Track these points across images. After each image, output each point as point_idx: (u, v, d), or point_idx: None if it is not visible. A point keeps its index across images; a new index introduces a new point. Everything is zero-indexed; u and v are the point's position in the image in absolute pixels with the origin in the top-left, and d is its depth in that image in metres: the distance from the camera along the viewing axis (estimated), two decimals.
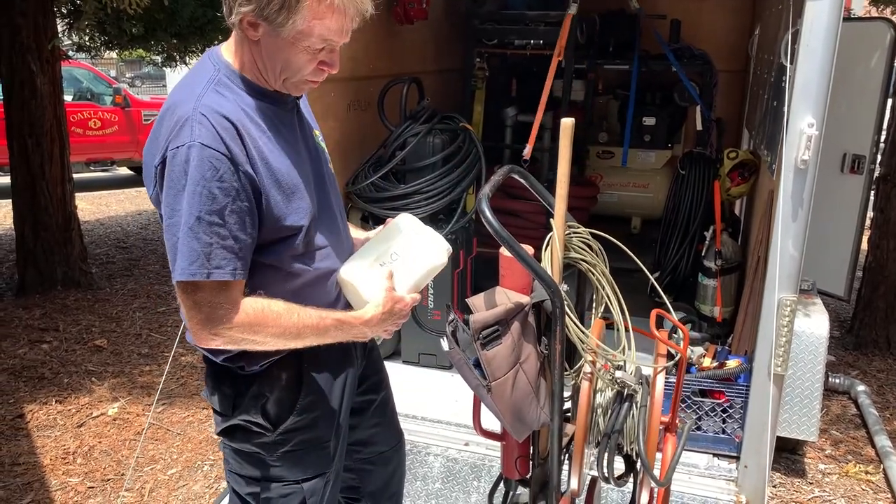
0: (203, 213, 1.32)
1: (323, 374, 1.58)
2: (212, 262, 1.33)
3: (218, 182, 1.33)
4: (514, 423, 1.64)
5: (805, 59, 2.21)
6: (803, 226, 2.31)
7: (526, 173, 1.81)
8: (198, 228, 1.33)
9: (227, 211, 1.34)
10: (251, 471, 1.57)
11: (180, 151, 1.33)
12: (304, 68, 1.43)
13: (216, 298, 1.36)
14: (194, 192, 1.32)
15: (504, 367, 1.56)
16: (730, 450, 2.76)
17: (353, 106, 3.52)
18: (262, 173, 1.40)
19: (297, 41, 1.38)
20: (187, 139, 1.33)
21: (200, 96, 1.38)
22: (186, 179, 1.33)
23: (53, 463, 3.29)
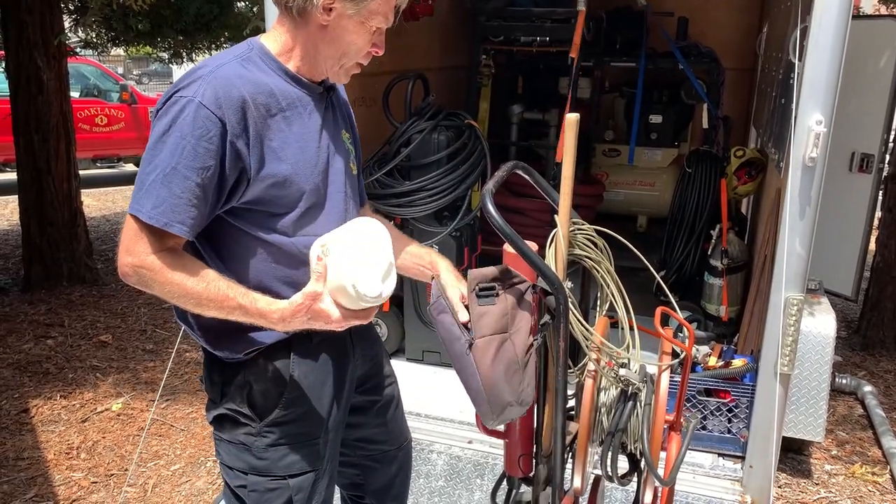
0: (181, 166, 1.35)
1: (313, 370, 1.56)
2: (176, 214, 1.36)
3: (206, 142, 1.35)
4: (490, 394, 1.51)
5: (814, 55, 2.18)
6: (811, 224, 2.28)
7: (530, 169, 1.80)
8: (172, 177, 1.35)
9: (205, 172, 1.36)
10: (238, 463, 1.56)
11: (180, 101, 1.37)
12: (362, 50, 1.50)
13: (158, 243, 1.38)
14: (178, 144, 1.35)
15: (492, 326, 1.50)
16: (735, 450, 2.75)
17: (358, 102, 3.51)
18: (255, 151, 1.41)
19: (367, 20, 1.46)
20: (190, 94, 1.37)
21: (223, 64, 1.43)
22: (174, 128, 1.36)
23: (57, 458, 3.29)
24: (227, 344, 1.50)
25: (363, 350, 1.73)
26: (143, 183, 1.37)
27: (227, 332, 1.49)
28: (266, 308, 1.40)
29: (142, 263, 1.37)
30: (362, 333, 1.72)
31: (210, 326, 1.50)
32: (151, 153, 1.37)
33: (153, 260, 1.37)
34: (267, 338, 1.50)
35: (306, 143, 1.50)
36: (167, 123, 1.36)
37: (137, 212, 1.36)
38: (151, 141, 1.38)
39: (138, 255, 1.37)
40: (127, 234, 1.38)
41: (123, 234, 1.39)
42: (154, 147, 1.37)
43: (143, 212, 1.35)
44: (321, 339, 1.57)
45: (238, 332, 1.49)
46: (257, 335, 1.49)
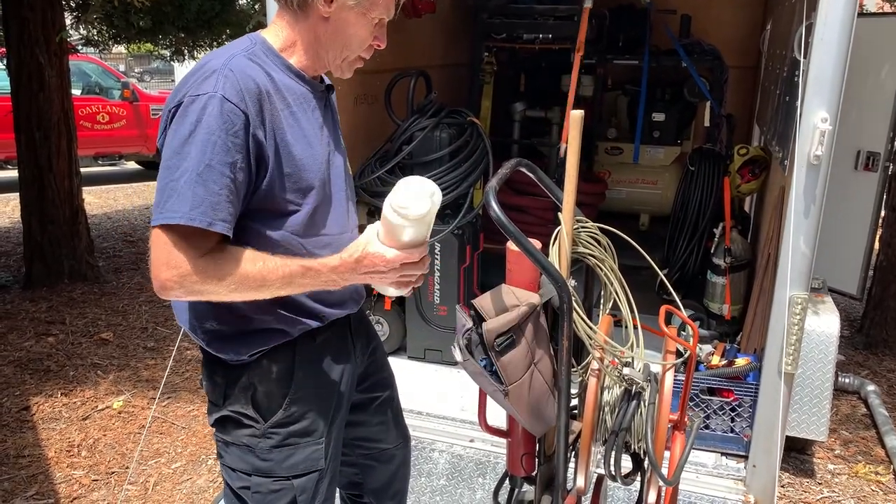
0: (215, 162, 1.30)
1: (316, 369, 1.55)
2: (217, 212, 1.30)
3: (234, 137, 1.32)
4: (533, 421, 1.63)
5: (819, 52, 2.17)
6: (815, 223, 2.27)
7: (534, 167, 1.79)
8: (207, 175, 1.29)
9: (237, 167, 1.33)
10: (242, 464, 1.55)
11: (200, 99, 1.33)
12: (365, 42, 1.50)
13: (200, 248, 1.31)
14: (208, 141, 1.30)
15: (520, 370, 1.55)
16: (738, 449, 2.74)
17: (360, 100, 3.50)
18: (271, 144, 1.39)
19: (369, 11, 1.46)
20: (210, 89, 1.33)
21: (232, 56, 1.40)
22: (200, 126, 1.31)
23: (58, 455, 3.29)
24: (232, 347, 1.49)
25: (362, 347, 1.72)
26: (174, 188, 1.30)
27: (233, 336, 1.48)
28: (327, 262, 1.42)
29: (187, 272, 1.30)
30: (362, 332, 1.72)
31: (216, 330, 1.49)
32: (178, 157, 1.31)
33: (199, 264, 1.31)
34: (272, 340, 1.49)
35: (312, 140, 1.49)
36: (192, 123, 1.31)
37: (171, 218, 1.29)
38: (175, 144, 1.32)
39: (180, 266, 1.30)
40: (160, 248, 1.30)
41: (155, 250, 1.31)
42: (181, 149, 1.31)
43: (181, 215, 1.28)
44: (324, 339, 1.57)
45: (244, 335, 1.48)
46: (263, 337, 1.48)
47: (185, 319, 1.52)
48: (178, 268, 1.30)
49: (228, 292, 1.35)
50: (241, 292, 1.36)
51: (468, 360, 1.55)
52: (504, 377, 1.53)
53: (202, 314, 1.49)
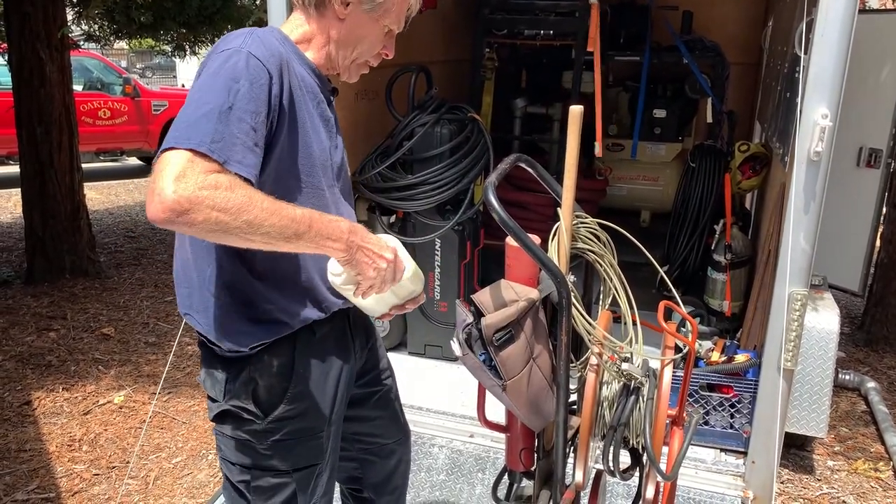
0: (236, 108, 1.26)
1: (316, 364, 1.56)
2: (234, 153, 1.24)
3: (258, 90, 1.30)
4: (531, 416, 1.63)
5: (820, 48, 2.16)
6: (815, 219, 2.27)
7: (533, 162, 1.79)
8: (228, 117, 1.25)
9: (258, 118, 1.30)
10: (242, 458, 1.55)
11: (226, 52, 1.33)
12: (375, 48, 1.57)
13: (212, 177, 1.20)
14: (231, 87, 1.27)
15: (518, 365, 1.55)
16: (737, 445, 2.74)
17: (360, 95, 3.50)
18: (289, 112, 1.39)
19: (381, 18, 1.53)
20: (236, 45, 1.34)
21: (255, 29, 1.43)
22: (224, 72, 1.29)
23: (59, 450, 3.30)
24: (232, 335, 1.48)
25: (361, 343, 1.73)
26: (193, 121, 1.23)
27: (234, 321, 1.47)
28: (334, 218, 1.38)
29: (199, 185, 1.17)
30: (360, 326, 1.72)
31: (217, 315, 1.48)
32: (200, 93, 1.28)
33: (212, 180, 1.18)
34: (274, 331, 1.49)
35: (319, 129, 1.50)
36: (217, 68, 1.30)
37: (189, 143, 1.19)
38: (196, 87, 1.30)
39: (193, 179, 1.17)
40: (172, 164, 1.17)
41: (164, 167, 1.18)
42: (202, 93, 1.28)
43: (199, 142, 1.19)
44: (323, 334, 1.57)
45: (247, 323, 1.47)
46: (264, 327, 1.48)
47: (189, 305, 1.51)
48: (189, 180, 1.16)
49: (237, 221, 1.20)
50: (250, 224, 1.22)
51: (467, 354, 1.55)
52: (503, 372, 1.54)
53: (209, 297, 1.48)
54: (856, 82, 4.12)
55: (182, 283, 1.53)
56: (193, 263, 1.49)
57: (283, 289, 1.49)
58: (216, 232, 1.21)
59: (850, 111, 4.00)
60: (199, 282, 1.48)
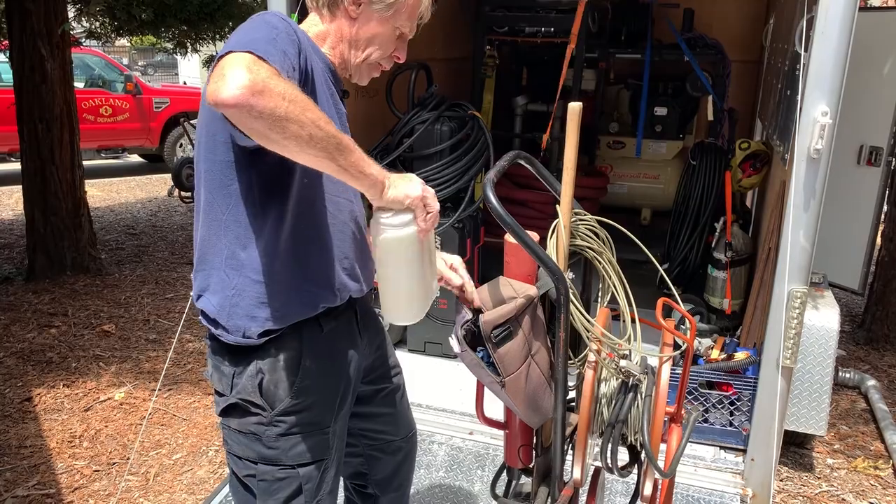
0: (279, 41, 1.30)
1: (323, 358, 1.56)
2: (284, 64, 1.27)
3: (292, 40, 1.34)
4: (529, 413, 1.64)
5: (820, 46, 2.16)
6: (815, 217, 2.27)
7: (532, 159, 1.79)
8: (275, 45, 1.28)
9: (295, 60, 1.33)
10: (248, 452, 1.55)
11: (259, 14, 1.38)
12: (386, 50, 1.57)
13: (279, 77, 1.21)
14: (271, 32, 1.31)
15: (516, 362, 1.55)
16: (737, 443, 2.74)
17: (360, 93, 3.50)
18: (311, 81, 1.42)
19: (391, 19, 1.53)
20: (264, 13, 1.39)
21: None
22: (264, 21, 1.34)
23: (60, 446, 3.30)
24: (243, 319, 1.46)
25: (370, 339, 1.73)
26: (244, 40, 1.25)
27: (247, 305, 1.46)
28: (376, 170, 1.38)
29: (271, 75, 1.18)
30: (368, 323, 1.72)
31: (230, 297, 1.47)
32: (241, 33, 1.31)
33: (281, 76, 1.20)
34: (280, 322, 1.48)
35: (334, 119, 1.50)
36: (253, 21, 1.35)
37: (247, 47, 1.21)
38: (235, 34, 1.32)
39: (264, 72, 1.18)
40: (241, 58, 1.19)
41: (234, 60, 1.18)
42: (243, 30, 1.32)
43: (263, 53, 1.21)
44: (331, 328, 1.57)
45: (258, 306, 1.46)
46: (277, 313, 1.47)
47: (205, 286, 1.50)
48: (262, 70, 1.18)
49: (303, 116, 1.20)
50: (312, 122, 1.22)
51: (465, 351, 1.56)
52: (501, 369, 1.54)
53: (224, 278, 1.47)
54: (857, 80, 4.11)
55: (200, 265, 1.52)
56: (211, 243, 1.48)
57: (300, 273, 1.49)
58: (279, 123, 1.18)
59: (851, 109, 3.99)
60: (216, 262, 1.48)
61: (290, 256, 1.47)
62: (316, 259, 1.51)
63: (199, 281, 1.53)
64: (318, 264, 1.52)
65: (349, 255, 1.58)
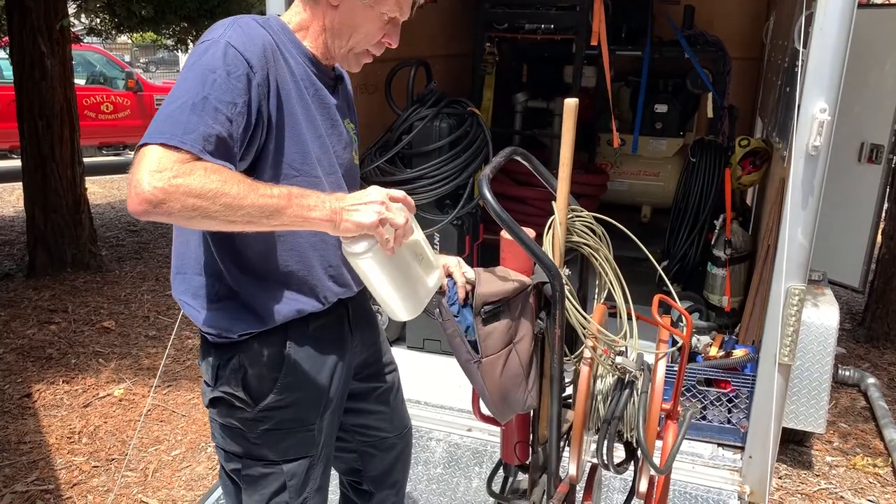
0: (212, 97, 1.26)
1: (309, 355, 1.55)
2: (207, 144, 1.24)
3: (235, 80, 1.30)
4: (500, 403, 1.61)
5: (818, 42, 2.15)
6: (813, 214, 2.26)
7: (529, 155, 1.78)
8: (203, 107, 1.25)
9: (236, 109, 1.29)
10: (233, 446, 1.55)
11: (205, 44, 1.33)
12: (373, 37, 1.51)
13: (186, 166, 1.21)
14: (207, 77, 1.28)
15: (498, 344, 1.54)
16: (735, 440, 2.74)
17: (360, 89, 3.49)
18: (275, 103, 1.38)
19: (376, 6, 1.47)
20: (217, 36, 1.34)
21: (241, 17, 1.42)
22: (201, 64, 1.29)
23: (59, 442, 3.31)
24: (221, 322, 1.47)
25: (362, 337, 1.72)
26: (168, 114, 1.24)
27: (223, 308, 1.47)
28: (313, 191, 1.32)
29: (177, 173, 1.18)
30: (361, 321, 1.71)
31: (206, 301, 1.48)
32: (176, 88, 1.28)
33: (187, 167, 1.19)
34: (262, 323, 1.48)
35: (315, 121, 1.49)
36: (195, 60, 1.31)
37: (162, 138, 1.20)
38: (177, 81, 1.30)
39: (170, 169, 1.18)
40: (148, 158, 1.19)
41: (141, 161, 1.19)
42: (180, 84, 1.28)
43: (171, 136, 1.20)
44: (318, 325, 1.56)
45: (236, 310, 1.47)
46: (255, 317, 1.47)
47: (184, 290, 1.51)
48: (166, 171, 1.17)
49: (216, 205, 1.20)
50: (229, 206, 1.21)
51: (448, 320, 1.54)
52: (481, 346, 1.53)
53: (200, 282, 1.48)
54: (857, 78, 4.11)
55: (177, 269, 1.53)
56: (187, 249, 1.49)
57: (278, 279, 1.48)
58: (196, 218, 1.20)
59: (852, 107, 3.99)
60: (192, 267, 1.49)
61: (272, 266, 1.46)
62: (298, 269, 1.50)
63: (178, 284, 1.52)
64: (301, 274, 1.50)
65: (333, 262, 1.56)
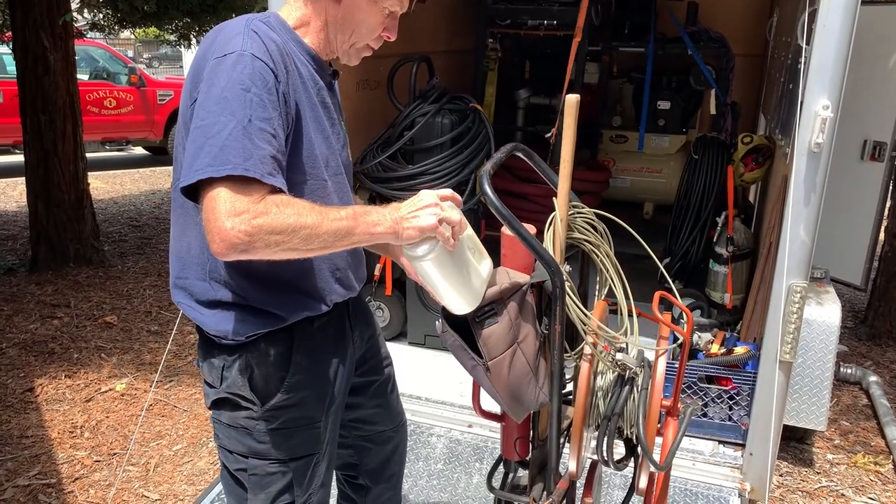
0: (255, 119, 1.28)
1: (314, 353, 1.55)
2: (265, 166, 1.27)
3: (267, 94, 1.31)
4: (512, 403, 1.62)
5: (821, 39, 2.15)
6: (815, 211, 2.26)
7: (530, 151, 1.78)
8: (250, 131, 1.27)
9: (274, 123, 1.31)
10: (238, 446, 1.55)
11: (229, 58, 1.31)
12: (374, 31, 1.52)
13: (256, 197, 1.26)
14: (244, 98, 1.28)
15: (501, 346, 1.54)
16: (736, 437, 2.74)
17: (362, 85, 3.49)
18: (293, 106, 1.40)
19: (378, 1, 1.48)
20: (238, 48, 1.32)
21: (251, 20, 1.41)
22: (234, 83, 1.29)
23: (61, 436, 3.32)
24: (229, 325, 1.47)
25: (361, 332, 1.73)
26: (218, 144, 1.25)
27: (231, 311, 1.47)
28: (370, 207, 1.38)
29: (257, 214, 1.23)
30: (359, 316, 1.72)
31: (213, 305, 1.48)
32: (215, 115, 1.27)
33: (264, 207, 1.24)
34: (269, 324, 1.48)
35: (319, 119, 1.49)
36: (225, 81, 1.29)
37: (225, 169, 1.23)
38: (210, 104, 1.29)
39: (247, 212, 1.23)
40: (221, 201, 1.23)
41: (215, 204, 1.23)
42: (217, 108, 1.28)
43: (234, 166, 1.23)
44: (322, 324, 1.57)
45: (243, 312, 1.47)
46: (262, 319, 1.48)
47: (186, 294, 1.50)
48: (245, 213, 1.23)
49: (296, 238, 1.27)
50: (308, 237, 1.29)
51: (447, 331, 1.55)
52: (484, 351, 1.53)
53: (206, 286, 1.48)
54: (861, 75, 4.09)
55: (178, 275, 1.52)
56: (189, 255, 1.49)
57: (286, 284, 1.48)
58: (278, 252, 1.28)
59: (855, 104, 3.97)
60: (195, 273, 1.49)
61: (276, 268, 1.46)
62: (306, 274, 1.50)
63: (180, 288, 1.52)
64: (308, 278, 1.51)
65: (341, 265, 1.57)
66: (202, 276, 1.48)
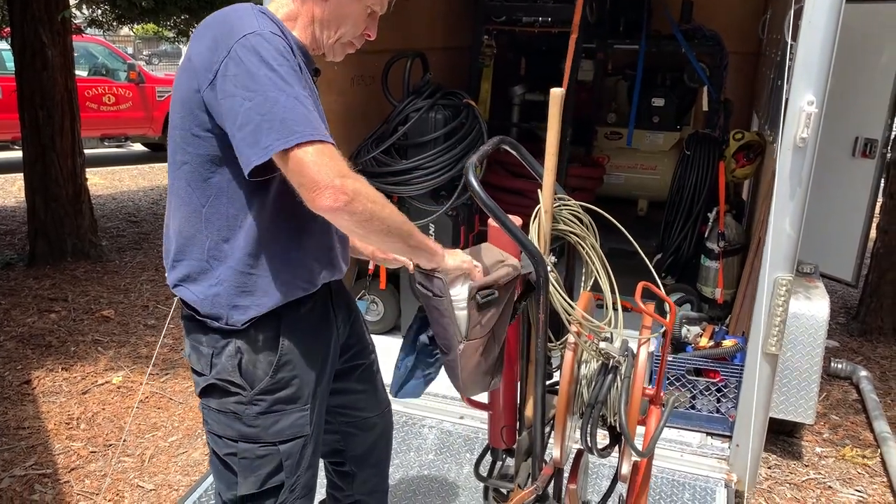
0: (296, 86, 1.35)
1: (301, 337, 1.58)
2: (325, 131, 1.35)
3: (293, 65, 1.38)
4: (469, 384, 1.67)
5: (807, 35, 2.18)
6: (801, 205, 2.29)
7: (517, 144, 1.81)
8: (298, 99, 1.33)
9: (305, 90, 1.38)
10: (228, 431, 1.58)
11: (249, 38, 1.35)
12: (358, 28, 1.58)
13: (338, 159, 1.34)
14: (279, 70, 1.34)
15: (480, 332, 1.58)
16: (723, 429, 2.77)
17: (356, 80, 3.52)
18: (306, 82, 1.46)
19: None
20: (256, 27, 1.38)
21: (254, 6, 1.46)
22: (265, 56, 1.34)
23: (57, 428, 3.35)
24: (223, 311, 1.50)
25: (344, 317, 1.75)
26: (278, 114, 1.30)
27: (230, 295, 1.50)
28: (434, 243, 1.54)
29: (356, 180, 1.34)
30: (342, 301, 1.75)
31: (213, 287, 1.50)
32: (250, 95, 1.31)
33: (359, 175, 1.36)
34: (260, 310, 1.51)
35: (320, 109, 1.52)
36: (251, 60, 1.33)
37: (311, 136, 1.30)
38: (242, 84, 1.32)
39: (352, 178, 1.33)
40: (325, 162, 1.30)
41: (320, 165, 1.30)
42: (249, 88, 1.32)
43: (313, 132, 1.31)
44: (308, 308, 1.60)
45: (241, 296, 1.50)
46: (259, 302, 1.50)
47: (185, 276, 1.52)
48: (348, 175, 1.32)
49: (382, 213, 1.38)
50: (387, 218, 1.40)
51: (444, 297, 1.56)
52: (469, 331, 1.57)
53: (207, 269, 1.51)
54: (852, 72, 4.12)
55: (178, 256, 1.54)
56: (191, 235, 1.51)
57: (282, 264, 1.52)
58: (364, 222, 1.36)
59: (846, 101, 4.00)
60: (196, 253, 1.51)
61: (274, 248, 1.50)
62: (298, 251, 1.54)
63: (178, 271, 1.55)
64: (300, 256, 1.54)
65: (332, 245, 1.61)
66: (203, 258, 1.51)
